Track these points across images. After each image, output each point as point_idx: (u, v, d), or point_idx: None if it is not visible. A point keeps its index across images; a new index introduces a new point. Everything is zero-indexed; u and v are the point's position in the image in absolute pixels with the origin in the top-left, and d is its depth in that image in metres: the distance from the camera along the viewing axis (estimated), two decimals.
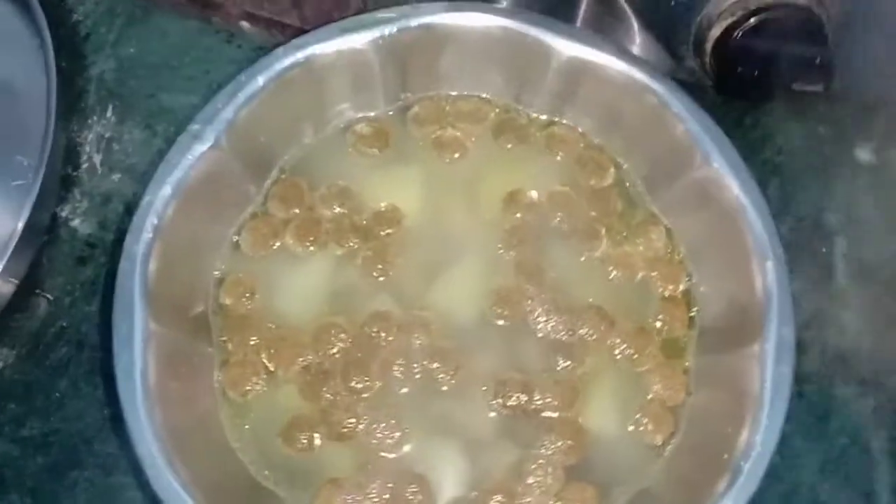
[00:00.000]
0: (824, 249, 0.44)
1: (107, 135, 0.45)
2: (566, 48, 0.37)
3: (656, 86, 0.36)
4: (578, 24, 0.41)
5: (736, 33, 0.38)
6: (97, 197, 0.44)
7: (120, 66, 0.46)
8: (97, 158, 0.45)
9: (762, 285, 0.34)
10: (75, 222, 0.44)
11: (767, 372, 0.33)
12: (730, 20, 0.38)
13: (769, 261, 0.34)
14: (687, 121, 0.36)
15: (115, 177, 0.44)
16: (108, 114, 0.46)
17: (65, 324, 0.42)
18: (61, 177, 0.44)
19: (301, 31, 0.41)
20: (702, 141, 0.36)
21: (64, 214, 0.44)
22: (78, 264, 0.43)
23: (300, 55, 0.37)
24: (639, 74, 0.36)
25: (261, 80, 0.37)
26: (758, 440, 0.32)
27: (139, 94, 0.46)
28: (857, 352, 0.42)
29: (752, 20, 0.38)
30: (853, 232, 0.44)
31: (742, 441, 0.32)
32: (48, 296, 0.43)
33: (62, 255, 0.43)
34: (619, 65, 0.37)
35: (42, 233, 0.43)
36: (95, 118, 0.46)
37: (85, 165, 0.45)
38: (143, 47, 0.47)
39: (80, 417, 0.41)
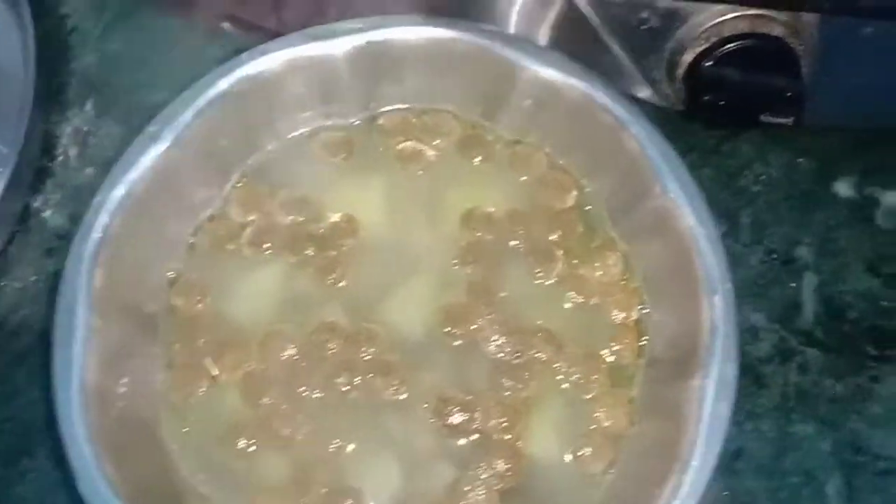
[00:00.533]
0: (793, 284, 0.43)
1: (84, 128, 0.46)
2: (532, 67, 0.37)
3: (618, 110, 0.36)
4: (549, 44, 0.41)
5: (707, 60, 0.37)
6: (70, 190, 0.45)
7: (103, 60, 0.47)
8: (73, 151, 0.45)
9: (709, 319, 0.33)
10: (46, 213, 0.44)
11: (706, 409, 0.32)
12: (703, 46, 0.38)
13: (717, 295, 0.33)
14: (646, 147, 0.35)
15: (89, 171, 0.45)
16: (88, 107, 0.46)
17: (28, 313, 0.43)
18: (36, 168, 0.45)
19: (280, 36, 0.41)
20: (659, 169, 0.35)
21: (36, 205, 0.44)
22: (46, 256, 0.44)
23: (264, 61, 0.37)
24: (601, 97, 0.36)
25: (223, 84, 0.37)
26: (686, 480, 0.31)
27: (119, 89, 0.46)
28: (819, 390, 0.41)
29: (725, 48, 0.37)
30: (825, 268, 0.43)
31: (673, 479, 0.32)
32: (15, 284, 0.43)
33: (31, 246, 0.44)
34: (583, 86, 0.36)
35: (13, 222, 0.44)
36: (75, 111, 0.46)
37: (60, 158, 0.45)
38: (127, 43, 0.47)
39: (36, 407, 0.41)
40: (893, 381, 0.41)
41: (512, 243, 0.38)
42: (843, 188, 0.45)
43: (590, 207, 0.39)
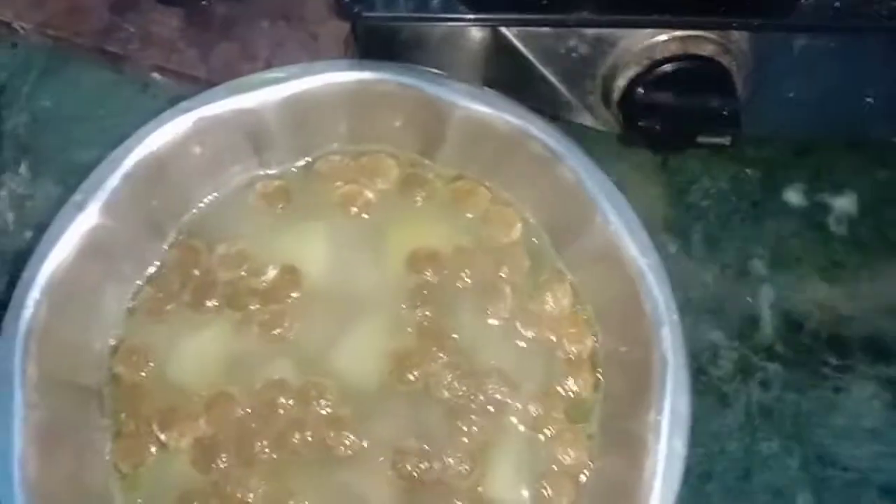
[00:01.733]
0: (750, 298, 0.43)
1: (20, 191, 0.45)
2: (463, 104, 0.36)
3: (551, 142, 0.35)
4: (487, 77, 0.40)
5: (639, 85, 0.37)
6: (9, 255, 0.43)
7: (34, 119, 0.46)
8: (10, 216, 0.44)
9: (659, 353, 0.33)
10: None
11: (661, 446, 0.32)
12: (635, 71, 0.37)
13: (664, 327, 0.33)
14: (583, 179, 0.35)
15: (28, 234, 0.44)
16: (22, 170, 0.45)
17: None
18: None
19: (211, 83, 0.40)
20: (597, 199, 0.35)
21: None
22: None
23: (189, 118, 0.36)
24: (534, 130, 0.35)
25: (149, 145, 0.36)
26: None
27: (53, 148, 0.45)
28: (783, 406, 0.41)
29: (656, 71, 0.36)
30: (780, 279, 0.43)
31: None
32: None
33: None
34: (515, 120, 0.36)
35: None
36: (9, 174, 0.45)
37: None
38: (57, 100, 0.46)
39: None
40: (855, 390, 0.41)
41: (459, 283, 0.38)
42: (793, 196, 0.45)
43: (535, 240, 0.38)
